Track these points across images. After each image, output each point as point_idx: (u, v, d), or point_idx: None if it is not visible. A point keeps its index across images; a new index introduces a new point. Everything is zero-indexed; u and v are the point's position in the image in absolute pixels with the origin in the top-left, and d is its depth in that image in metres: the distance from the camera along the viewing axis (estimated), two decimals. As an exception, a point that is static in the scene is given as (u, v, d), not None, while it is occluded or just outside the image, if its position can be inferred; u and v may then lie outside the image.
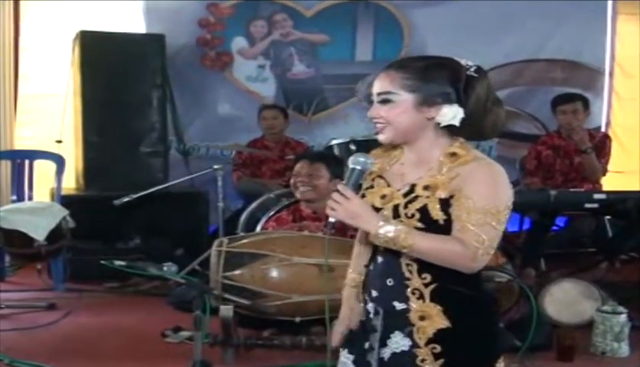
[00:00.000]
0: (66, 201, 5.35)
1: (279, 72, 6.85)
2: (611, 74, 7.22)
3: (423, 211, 1.92)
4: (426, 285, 1.96)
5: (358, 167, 1.98)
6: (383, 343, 2.01)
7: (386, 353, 2.00)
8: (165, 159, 6.08)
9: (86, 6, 6.21)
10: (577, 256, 5.74)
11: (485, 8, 6.76)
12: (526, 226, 5.81)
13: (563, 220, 5.98)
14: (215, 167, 5.08)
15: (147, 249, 5.44)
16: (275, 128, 6.07)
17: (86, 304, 4.82)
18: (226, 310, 3.71)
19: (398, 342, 1.99)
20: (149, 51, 6.00)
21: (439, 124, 1.96)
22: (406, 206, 1.95)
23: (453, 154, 1.95)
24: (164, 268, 3.78)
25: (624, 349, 3.81)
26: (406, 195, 1.96)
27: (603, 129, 7.06)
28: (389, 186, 2.02)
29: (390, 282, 2.00)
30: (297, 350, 3.79)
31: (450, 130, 1.97)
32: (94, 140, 5.84)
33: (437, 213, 1.91)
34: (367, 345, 2.05)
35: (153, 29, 6.34)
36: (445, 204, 1.92)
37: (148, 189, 5.16)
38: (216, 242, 3.93)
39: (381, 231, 1.90)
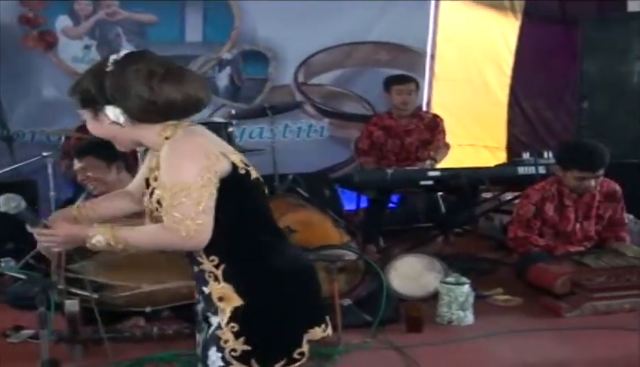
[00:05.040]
0: None
1: (106, 53, 6.37)
2: (432, 57, 7.52)
3: (159, 202, 1.98)
4: (217, 267, 2.03)
5: (16, 210, 2.06)
6: (207, 323, 2.11)
7: (206, 335, 2.10)
8: (-14, 146, 5.66)
9: None
10: (413, 231, 5.94)
11: (314, -7, 6.80)
12: (362, 205, 5.96)
13: (397, 198, 6.19)
14: (45, 154, 4.81)
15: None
16: None
17: None
18: (71, 305, 3.51)
19: (212, 324, 2.07)
20: (-36, 30, 5.54)
21: (134, 121, 2.01)
22: (150, 201, 2.04)
23: (167, 139, 2.00)
24: (2, 264, 3.55)
25: (469, 318, 3.98)
26: (147, 188, 2.07)
27: (425, 108, 7.33)
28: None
29: (195, 269, 2.10)
30: (148, 341, 3.65)
31: (155, 119, 2.01)
32: None
33: (158, 204, 2.00)
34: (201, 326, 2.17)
35: (-32, 6, 5.87)
36: None
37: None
38: (55, 233, 3.70)
39: (93, 241, 2.00)
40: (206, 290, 2.06)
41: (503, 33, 7.62)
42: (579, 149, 4.63)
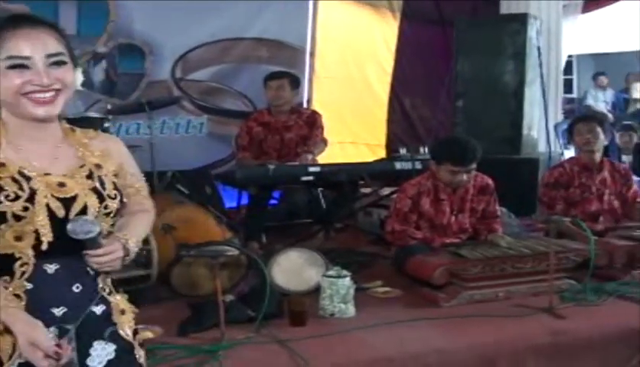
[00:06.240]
0: None
1: (-28, 45, 6.21)
2: (312, 54, 7.58)
3: (118, 190, 1.88)
4: (105, 278, 1.89)
5: (91, 236, 1.74)
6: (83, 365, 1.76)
7: None
8: None
9: None
10: (295, 227, 5.97)
11: (193, -14, 6.72)
12: (244, 201, 5.92)
13: (278, 194, 6.19)
14: None
15: None
16: None
17: None
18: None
19: (101, 355, 1.79)
20: None
21: None
22: (104, 188, 1.83)
23: (72, 130, 1.91)
24: None
25: (350, 310, 4.01)
26: (89, 177, 1.83)
27: (305, 105, 7.40)
28: (46, 174, 1.78)
29: (77, 288, 1.79)
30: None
31: None
32: None
33: (116, 191, 1.88)
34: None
35: None
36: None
37: None
38: None
39: (134, 248, 1.87)
40: (99, 309, 1.82)
41: (382, 32, 7.80)
42: (451, 144, 4.76)
